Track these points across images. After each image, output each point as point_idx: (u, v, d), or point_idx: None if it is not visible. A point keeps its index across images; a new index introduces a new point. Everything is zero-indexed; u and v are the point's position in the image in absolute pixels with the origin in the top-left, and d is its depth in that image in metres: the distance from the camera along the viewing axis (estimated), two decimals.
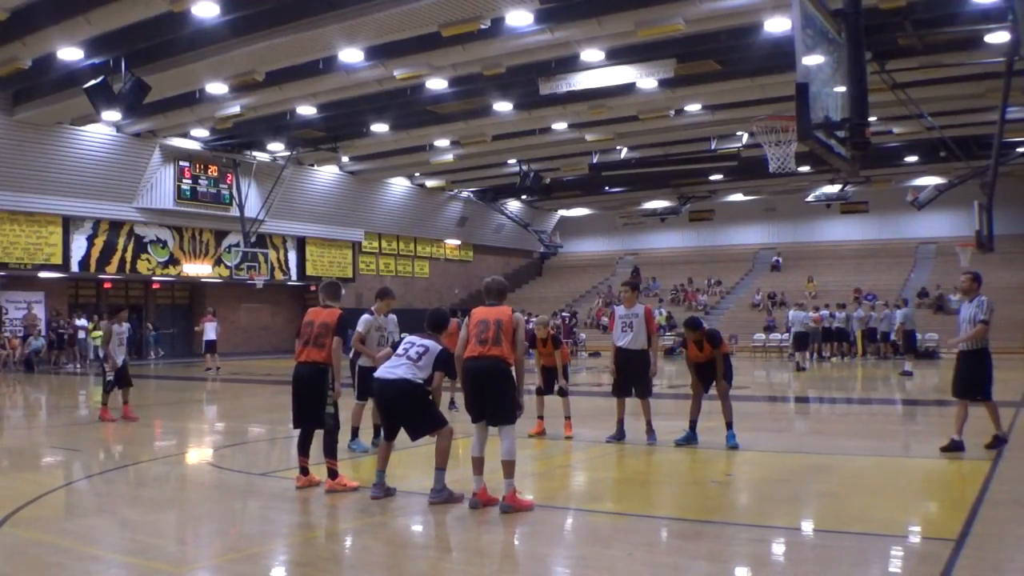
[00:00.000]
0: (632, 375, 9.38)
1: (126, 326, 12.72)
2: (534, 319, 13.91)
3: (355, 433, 8.98)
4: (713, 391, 9.19)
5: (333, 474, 6.96)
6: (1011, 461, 8.01)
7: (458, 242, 41.10)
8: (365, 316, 8.94)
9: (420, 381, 6.40)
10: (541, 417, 10.04)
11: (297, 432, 7.23)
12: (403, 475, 7.37)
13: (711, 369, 9.17)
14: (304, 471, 7.10)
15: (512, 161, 31.29)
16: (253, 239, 29.64)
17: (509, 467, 6.17)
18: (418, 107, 23.41)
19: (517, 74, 19.88)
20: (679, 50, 18.58)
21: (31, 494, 6.89)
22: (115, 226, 27.47)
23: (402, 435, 6.55)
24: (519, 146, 28.48)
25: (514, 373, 6.35)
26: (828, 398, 16.23)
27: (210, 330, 22.39)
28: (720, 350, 9.13)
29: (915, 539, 5.60)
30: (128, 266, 27.95)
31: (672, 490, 7.43)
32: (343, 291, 8.03)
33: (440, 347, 6.53)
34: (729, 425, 8.97)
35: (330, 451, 6.98)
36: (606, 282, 41.09)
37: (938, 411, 14.24)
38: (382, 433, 6.91)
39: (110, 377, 12.25)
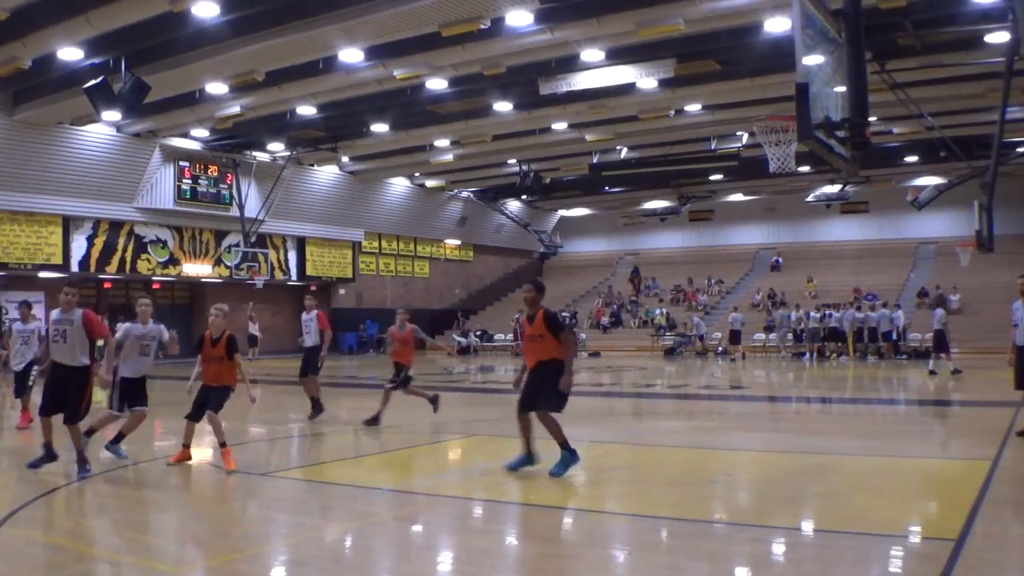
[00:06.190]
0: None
1: (35, 324, 11.42)
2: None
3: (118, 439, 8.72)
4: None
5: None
6: (1011, 461, 8.01)
7: (458, 242, 41.08)
8: (124, 325, 9.07)
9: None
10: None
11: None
12: (403, 475, 7.36)
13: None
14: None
15: (512, 161, 31.27)
16: (253, 239, 29.63)
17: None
18: (418, 107, 23.39)
19: (517, 74, 19.86)
20: (679, 50, 18.56)
21: (31, 494, 6.89)
22: (115, 226, 27.46)
23: (404, 438, 6.56)
24: (519, 146, 28.45)
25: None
26: (828, 398, 16.22)
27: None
28: (563, 340, 7.27)
29: (915, 539, 5.59)
30: (128, 266, 27.95)
31: (672, 490, 7.43)
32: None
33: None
34: (563, 445, 7.32)
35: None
36: (606, 282, 41.07)
37: (939, 411, 14.26)
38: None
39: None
